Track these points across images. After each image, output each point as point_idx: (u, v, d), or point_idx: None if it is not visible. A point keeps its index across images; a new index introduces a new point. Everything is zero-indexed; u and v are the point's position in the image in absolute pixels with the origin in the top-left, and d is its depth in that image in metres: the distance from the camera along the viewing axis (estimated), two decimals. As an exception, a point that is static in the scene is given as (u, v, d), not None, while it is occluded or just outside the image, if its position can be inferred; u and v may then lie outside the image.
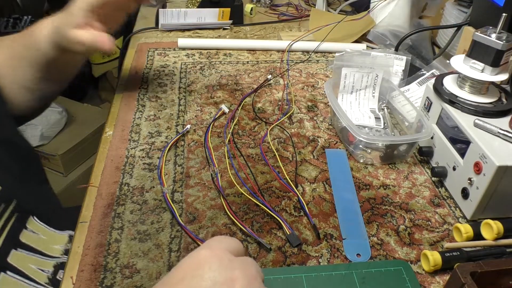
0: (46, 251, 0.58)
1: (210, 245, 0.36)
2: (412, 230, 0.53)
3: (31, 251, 0.56)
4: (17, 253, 0.54)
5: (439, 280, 0.47)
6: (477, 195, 0.52)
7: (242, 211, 0.55)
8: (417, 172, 0.63)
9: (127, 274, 0.46)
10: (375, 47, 0.95)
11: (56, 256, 0.58)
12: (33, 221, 0.59)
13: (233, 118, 0.72)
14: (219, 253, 0.34)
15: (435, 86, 0.61)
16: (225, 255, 0.34)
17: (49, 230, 0.60)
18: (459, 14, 0.88)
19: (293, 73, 0.87)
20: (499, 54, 0.54)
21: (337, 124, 0.69)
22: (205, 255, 0.34)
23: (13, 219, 0.56)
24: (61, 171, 1.65)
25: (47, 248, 0.58)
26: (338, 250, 0.50)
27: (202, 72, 0.86)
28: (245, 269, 0.34)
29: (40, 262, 0.56)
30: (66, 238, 0.62)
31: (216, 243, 0.36)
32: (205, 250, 0.35)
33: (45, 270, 0.56)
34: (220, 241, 0.36)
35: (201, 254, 0.35)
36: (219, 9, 1.05)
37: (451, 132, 0.59)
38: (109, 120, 0.70)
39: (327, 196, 0.58)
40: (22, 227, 0.57)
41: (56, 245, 0.60)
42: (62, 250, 0.60)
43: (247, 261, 0.36)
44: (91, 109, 1.87)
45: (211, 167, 0.61)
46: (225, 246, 0.36)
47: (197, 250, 0.36)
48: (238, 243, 0.37)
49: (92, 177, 0.59)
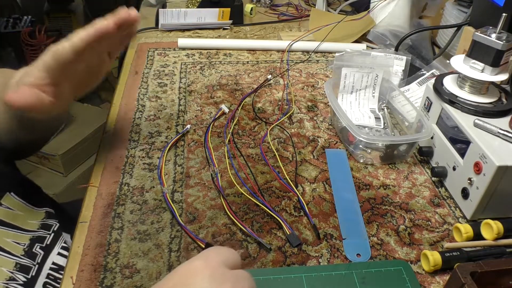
0: (22, 225, 0.57)
1: (206, 256, 0.36)
2: (412, 230, 0.53)
3: (7, 226, 0.55)
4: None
5: (439, 280, 0.47)
6: (477, 195, 0.52)
7: (242, 211, 0.55)
8: (417, 172, 0.63)
9: (127, 274, 0.46)
10: (375, 47, 0.95)
11: (32, 230, 0.58)
12: (9, 197, 0.57)
13: (233, 118, 0.72)
14: (213, 265, 0.35)
15: (435, 86, 0.61)
16: (219, 268, 0.35)
17: (26, 206, 0.59)
18: (459, 14, 0.88)
19: (293, 73, 0.87)
20: (499, 54, 0.54)
21: (337, 124, 0.69)
22: (199, 265, 0.35)
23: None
24: (61, 171, 1.65)
25: (23, 223, 0.57)
26: (338, 250, 0.50)
27: (202, 72, 0.86)
28: (236, 283, 0.34)
29: (16, 236, 0.56)
30: (43, 214, 0.61)
31: (213, 255, 0.36)
32: (200, 261, 0.35)
33: (21, 243, 0.56)
34: (218, 253, 0.36)
35: (195, 264, 0.35)
36: (219, 9, 1.05)
37: (451, 132, 0.59)
38: (109, 120, 0.70)
39: (327, 196, 0.58)
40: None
41: (33, 220, 0.59)
42: (39, 225, 0.59)
43: (241, 275, 0.36)
44: (91, 109, 1.87)
45: (211, 167, 0.61)
46: (221, 259, 0.36)
47: (193, 259, 0.36)
48: (236, 255, 0.38)
49: (92, 177, 0.59)
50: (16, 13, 2.13)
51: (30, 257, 0.55)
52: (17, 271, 0.53)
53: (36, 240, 0.58)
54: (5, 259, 0.53)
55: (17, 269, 0.53)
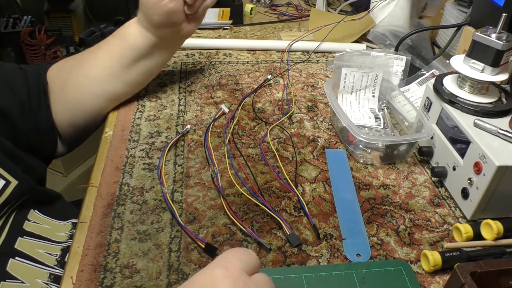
0: (52, 237, 0.58)
1: (226, 264, 0.34)
2: (412, 230, 0.53)
3: (37, 238, 0.56)
4: (24, 240, 0.55)
5: (439, 280, 0.47)
6: (477, 195, 0.52)
7: (242, 211, 0.55)
8: (417, 172, 0.63)
9: (127, 274, 0.46)
10: (375, 47, 0.95)
11: (62, 241, 0.59)
12: (34, 213, 0.59)
13: (233, 118, 0.72)
14: (235, 274, 0.33)
15: (435, 86, 0.61)
16: (241, 277, 0.33)
17: (51, 221, 0.61)
18: (459, 14, 0.88)
19: (293, 73, 0.87)
20: (499, 54, 0.54)
21: (337, 124, 0.69)
22: (220, 275, 0.33)
23: (14, 213, 0.57)
24: (61, 171, 1.66)
25: (52, 235, 0.58)
26: (338, 250, 0.50)
27: (202, 72, 0.86)
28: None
29: (47, 247, 0.57)
30: (70, 226, 0.62)
31: (233, 261, 0.35)
32: (220, 270, 0.34)
33: (53, 254, 0.56)
34: (237, 259, 0.35)
35: (215, 273, 0.33)
36: (219, 9, 1.05)
37: (451, 132, 0.59)
38: (109, 120, 0.70)
39: (327, 196, 0.58)
40: (24, 219, 0.57)
41: (61, 232, 0.60)
42: (67, 236, 0.60)
43: (261, 281, 0.35)
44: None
45: (211, 167, 0.61)
46: (242, 265, 0.34)
47: (212, 267, 0.34)
48: (254, 257, 0.36)
49: (92, 177, 0.59)
50: (16, 13, 2.13)
51: (63, 267, 0.56)
52: (51, 282, 0.53)
53: (67, 250, 0.58)
54: (39, 271, 0.53)
55: (51, 280, 0.54)
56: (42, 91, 0.65)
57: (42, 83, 0.65)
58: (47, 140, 0.68)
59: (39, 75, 0.66)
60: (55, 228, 0.60)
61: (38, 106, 0.64)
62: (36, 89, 0.64)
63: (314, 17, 1.06)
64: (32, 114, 0.64)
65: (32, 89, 0.64)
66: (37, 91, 0.64)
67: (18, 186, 0.55)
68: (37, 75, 0.66)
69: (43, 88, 0.65)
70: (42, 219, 0.59)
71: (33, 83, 0.65)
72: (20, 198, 0.57)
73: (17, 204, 0.57)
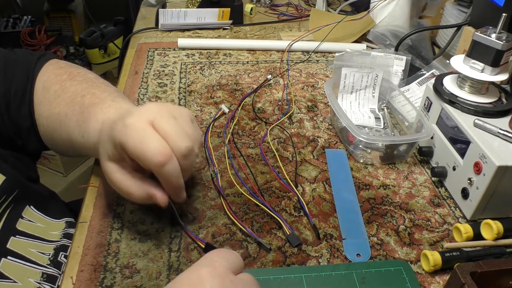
0: (45, 237, 0.58)
1: (213, 263, 0.35)
2: (412, 230, 0.53)
3: (30, 237, 0.56)
4: (16, 240, 0.54)
5: (439, 280, 0.47)
6: (477, 195, 0.52)
7: (242, 211, 0.55)
8: (417, 172, 0.63)
9: (127, 274, 0.46)
10: (375, 47, 0.95)
11: (55, 240, 0.58)
12: (30, 210, 0.58)
13: (233, 118, 0.72)
14: (221, 272, 0.34)
15: (435, 86, 0.61)
16: (227, 275, 0.34)
17: (46, 219, 0.60)
18: (459, 14, 0.88)
19: (293, 73, 0.87)
20: (499, 54, 0.54)
21: (337, 124, 0.69)
22: (206, 273, 0.33)
23: (9, 210, 0.55)
24: (61, 171, 1.66)
25: (45, 234, 0.58)
26: (338, 250, 0.50)
27: (202, 72, 0.86)
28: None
29: (40, 247, 0.56)
30: (63, 224, 0.62)
31: (219, 260, 0.35)
32: (207, 268, 0.34)
33: (46, 253, 0.56)
34: (223, 258, 0.35)
35: (202, 271, 0.34)
36: (219, 9, 1.05)
37: (451, 132, 0.59)
38: (109, 120, 0.70)
39: (327, 196, 0.58)
40: (18, 216, 0.56)
41: (54, 231, 0.60)
42: (61, 235, 0.60)
43: (247, 280, 0.35)
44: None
45: (211, 167, 0.61)
46: (227, 264, 0.35)
47: (198, 266, 0.35)
48: (239, 258, 0.37)
49: (92, 177, 0.59)
50: (16, 13, 2.13)
51: (56, 266, 0.56)
52: (44, 281, 0.53)
53: (60, 249, 0.58)
54: (32, 270, 0.53)
55: (44, 279, 0.53)
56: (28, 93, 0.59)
57: (29, 89, 0.59)
58: (28, 139, 0.62)
59: (27, 78, 0.59)
60: (49, 227, 0.59)
61: (20, 104, 0.58)
62: (21, 89, 0.58)
63: (314, 17, 1.06)
64: (13, 112, 0.58)
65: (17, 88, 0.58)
66: (22, 92, 0.58)
67: (7, 181, 0.54)
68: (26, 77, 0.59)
69: (29, 93, 0.59)
70: (37, 217, 0.59)
71: (19, 84, 0.58)
72: (10, 194, 0.56)
73: (8, 201, 0.56)
